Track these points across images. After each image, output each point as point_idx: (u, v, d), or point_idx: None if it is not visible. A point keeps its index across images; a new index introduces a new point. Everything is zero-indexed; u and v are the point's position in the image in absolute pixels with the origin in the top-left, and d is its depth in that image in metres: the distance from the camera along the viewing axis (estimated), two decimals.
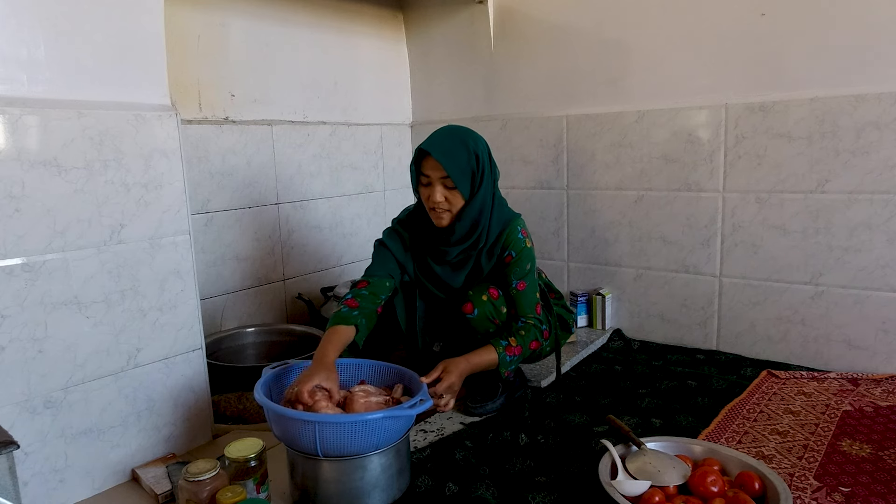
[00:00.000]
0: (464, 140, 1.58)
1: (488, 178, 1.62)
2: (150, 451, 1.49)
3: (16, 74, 1.24)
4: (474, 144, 1.59)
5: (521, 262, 1.66)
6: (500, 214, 1.68)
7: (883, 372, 1.88)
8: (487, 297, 1.63)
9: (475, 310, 1.62)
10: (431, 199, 1.58)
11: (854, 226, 1.87)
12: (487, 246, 1.67)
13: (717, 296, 2.14)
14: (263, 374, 1.40)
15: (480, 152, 1.60)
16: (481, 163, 1.59)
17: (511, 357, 1.59)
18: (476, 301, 1.63)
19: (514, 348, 1.59)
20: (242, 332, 2.13)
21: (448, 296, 1.72)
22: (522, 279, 1.66)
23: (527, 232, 1.70)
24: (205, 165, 2.04)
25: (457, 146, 1.56)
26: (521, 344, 1.61)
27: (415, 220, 1.73)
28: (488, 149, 1.66)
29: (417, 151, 1.59)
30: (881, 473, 1.35)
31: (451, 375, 1.49)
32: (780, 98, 1.93)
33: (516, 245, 1.66)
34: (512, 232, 1.67)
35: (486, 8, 2.49)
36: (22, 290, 1.24)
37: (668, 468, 1.27)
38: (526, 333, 1.63)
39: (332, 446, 1.21)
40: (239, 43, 2.14)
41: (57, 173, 1.28)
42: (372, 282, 1.63)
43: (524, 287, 1.66)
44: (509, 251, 1.66)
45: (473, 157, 1.57)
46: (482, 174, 1.59)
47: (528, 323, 1.65)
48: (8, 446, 0.98)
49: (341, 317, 1.52)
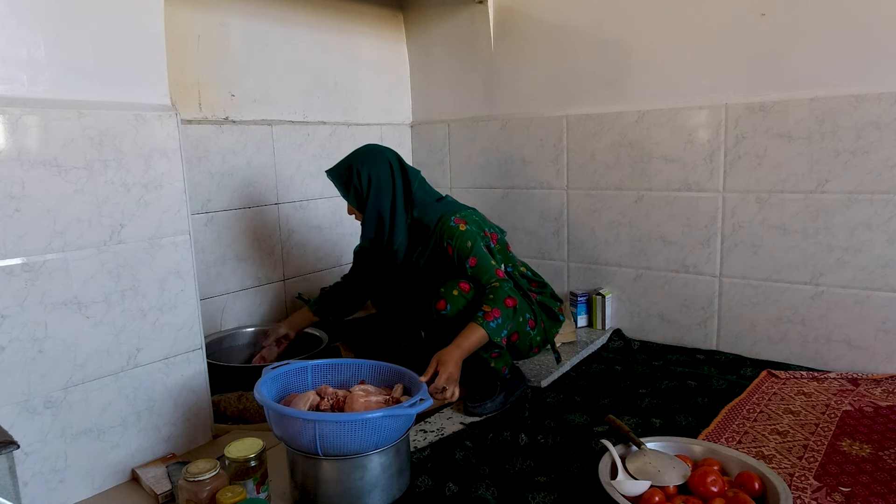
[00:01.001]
0: (350, 162, 1.79)
1: (383, 190, 1.78)
2: (150, 451, 1.49)
3: (16, 74, 1.24)
4: (360, 163, 1.78)
5: (461, 244, 1.72)
6: (425, 212, 1.79)
7: (883, 372, 1.88)
8: (458, 291, 1.68)
9: (448, 305, 1.67)
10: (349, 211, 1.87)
11: (854, 226, 1.87)
12: (402, 245, 1.81)
13: (717, 296, 2.14)
14: (263, 374, 1.40)
15: (365, 169, 1.77)
16: (364, 179, 1.77)
17: (495, 321, 1.61)
18: (448, 297, 1.67)
19: (490, 312, 1.61)
20: (242, 332, 2.13)
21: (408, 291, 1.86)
22: (470, 256, 1.71)
23: (463, 219, 1.76)
24: (205, 165, 2.04)
25: (342, 169, 1.80)
26: (496, 305, 1.63)
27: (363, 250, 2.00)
28: (390, 161, 1.80)
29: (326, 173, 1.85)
30: (881, 473, 1.35)
31: (447, 366, 1.51)
32: (780, 98, 1.93)
33: (449, 233, 1.74)
34: (444, 224, 1.75)
35: (486, 8, 2.49)
36: (22, 290, 1.24)
37: (668, 468, 1.27)
38: (495, 295, 1.65)
39: (332, 445, 1.21)
40: (239, 43, 2.14)
41: (57, 173, 1.28)
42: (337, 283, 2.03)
43: (476, 262, 1.71)
44: (446, 241, 1.74)
45: (355, 174, 1.77)
46: (368, 188, 1.77)
47: (493, 285, 1.68)
48: (8, 446, 0.98)
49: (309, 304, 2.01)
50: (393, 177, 1.80)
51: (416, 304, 1.84)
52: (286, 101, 2.31)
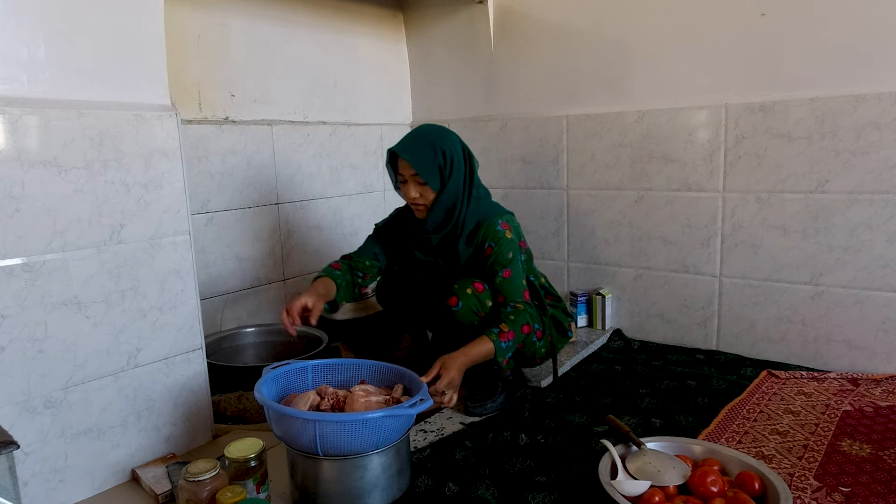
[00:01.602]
0: (430, 139, 1.70)
1: (458, 171, 1.71)
2: (150, 451, 1.49)
3: (16, 74, 1.24)
4: (440, 141, 1.69)
5: (503, 251, 1.69)
6: (477, 207, 1.75)
7: (883, 372, 1.88)
8: (472, 290, 1.66)
9: (459, 303, 1.65)
10: (407, 196, 1.72)
11: (854, 226, 1.87)
12: (465, 234, 1.74)
13: (717, 296, 2.14)
14: (264, 374, 1.40)
15: (447, 148, 1.69)
16: (448, 158, 1.68)
17: (506, 343, 1.60)
18: (461, 294, 1.66)
19: (506, 333, 1.60)
20: (242, 332, 2.13)
21: (435, 281, 1.78)
22: (506, 267, 1.69)
23: (509, 225, 1.74)
24: (205, 165, 2.04)
25: (423, 145, 1.68)
26: (513, 328, 1.62)
27: (399, 219, 1.89)
28: (461, 144, 1.74)
29: (389, 153, 1.72)
30: (881, 473, 1.35)
31: (450, 371, 1.50)
32: (780, 98, 1.93)
33: (494, 236, 1.71)
34: (491, 225, 1.72)
35: (486, 8, 2.49)
36: (22, 290, 1.24)
37: (668, 468, 1.27)
38: (516, 317, 1.64)
39: (332, 445, 1.21)
40: (239, 43, 2.14)
41: (57, 173, 1.28)
42: (354, 256, 1.84)
43: (510, 275, 1.69)
44: (488, 242, 1.71)
45: (440, 153, 1.67)
46: (450, 168, 1.69)
47: (518, 307, 1.67)
48: (8, 446, 0.98)
49: (328, 271, 1.77)
50: (464, 159, 1.73)
51: (427, 300, 1.82)
52: (286, 101, 2.31)
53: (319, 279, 1.73)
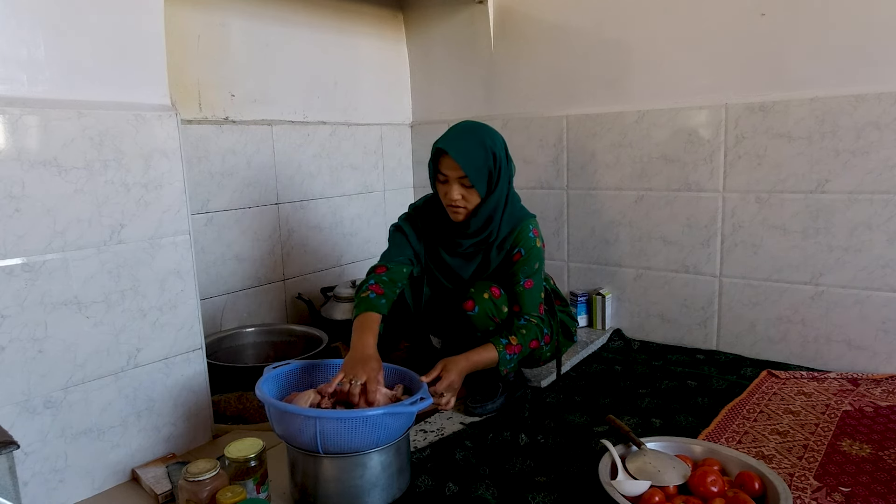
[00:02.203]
0: (482, 139, 1.59)
1: (504, 176, 1.63)
2: (150, 451, 1.49)
3: (16, 74, 1.24)
4: (492, 143, 1.60)
5: (530, 260, 1.67)
6: (512, 211, 1.70)
7: (883, 372, 1.88)
8: (489, 295, 1.64)
9: (476, 307, 1.63)
10: (448, 197, 1.60)
11: (854, 226, 1.87)
12: (498, 241, 1.69)
13: (717, 296, 2.14)
14: (264, 374, 1.40)
15: (497, 150, 1.60)
16: (498, 161, 1.60)
17: (511, 355, 1.59)
18: (477, 299, 1.63)
19: (514, 346, 1.60)
20: (242, 332, 2.13)
21: (455, 286, 1.74)
22: (530, 278, 1.67)
23: (538, 232, 1.71)
24: (205, 165, 2.04)
25: (474, 145, 1.57)
26: (522, 343, 1.61)
27: (430, 209, 1.75)
28: (505, 146, 1.67)
29: (435, 149, 1.59)
30: (881, 473, 1.35)
31: (451, 374, 1.50)
32: (780, 98, 1.93)
33: (526, 243, 1.67)
34: (523, 230, 1.68)
35: (486, 8, 2.49)
36: (22, 290, 1.24)
37: (668, 468, 1.27)
38: (527, 332, 1.63)
39: (332, 442, 1.21)
40: (239, 43, 2.14)
41: (57, 173, 1.28)
42: (391, 268, 1.65)
43: (531, 286, 1.67)
44: (519, 249, 1.67)
45: (491, 156, 1.58)
46: (499, 173, 1.60)
47: (531, 322, 1.65)
48: (8, 446, 0.98)
49: (371, 304, 1.54)
50: (508, 161, 1.65)
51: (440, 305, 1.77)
52: (286, 101, 2.31)
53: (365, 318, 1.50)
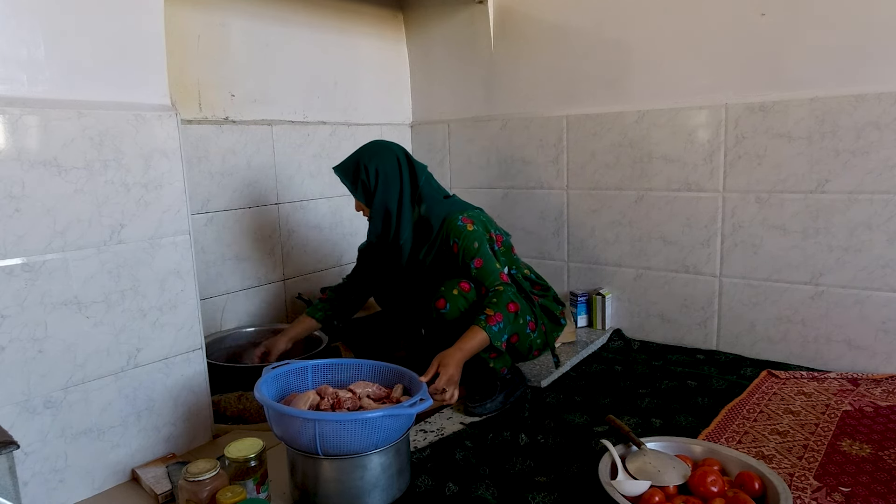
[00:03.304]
0: (358, 156, 1.79)
1: (386, 186, 1.77)
2: (150, 451, 1.49)
3: (16, 74, 1.24)
4: (367, 158, 1.77)
5: (468, 243, 1.72)
6: (439, 208, 1.79)
7: (883, 372, 1.88)
8: (458, 290, 1.68)
9: (447, 304, 1.67)
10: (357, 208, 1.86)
11: (854, 226, 1.87)
12: (407, 237, 1.80)
13: (717, 296, 2.14)
14: (264, 374, 1.40)
15: (371, 164, 1.76)
16: (371, 173, 1.76)
17: (497, 325, 1.61)
18: (448, 296, 1.67)
19: (493, 317, 1.61)
20: (242, 332, 2.13)
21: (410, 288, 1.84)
22: (476, 257, 1.71)
23: (468, 218, 1.76)
24: (205, 165, 2.04)
25: (348, 163, 1.80)
26: (499, 310, 1.63)
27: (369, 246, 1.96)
28: (398, 156, 1.79)
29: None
30: (881, 473, 1.35)
31: (449, 367, 1.51)
32: (780, 98, 1.93)
33: (456, 232, 1.73)
34: (451, 223, 1.75)
35: (486, 8, 2.49)
36: (22, 290, 1.24)
37: (668, 468, 1.27)
38: (498, 299, 1.65)
39: (331, 444, 1.21)
40: (239, 43, 2.14)
41: (57, 173, 1.28)
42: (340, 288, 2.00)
43: (481, 263, 1.71)
44: (453, 239, 1.73)
45: (362, 169, 1.76)
46: (375, 183, 1.76)
47: (497, 289, 1.68)
48: (8, 446, 0.98)
49: (310, 310, 1.97)
50: (400, 171, 1.78)
51: (417, 302, 1.84)
52: (286, 101, 2.31)
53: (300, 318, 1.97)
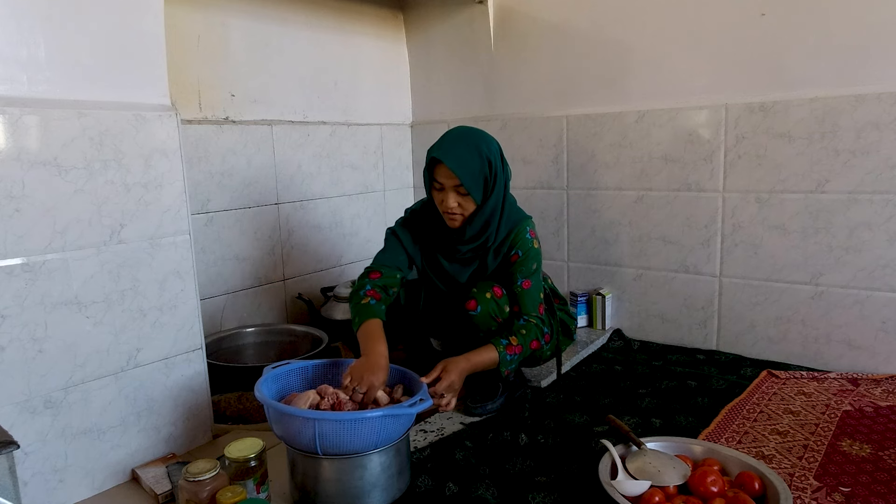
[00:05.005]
0: (477, 146, 1.58)
1: (500, 182, 1.63)
2: (150, 451, 1.49)
3: (16, 74, 1.24)
4: (487, 149, 1.59)
5: (528, 261, 1.67)
6: (510, 215, 1.70)
7: (883, 372, 1.88)
8: (491, 294, 1.63)
9: (478, 307, 1.62)
10: (445, 205, 1.60)
11: (854, 226, 1.87)
12: (495, 245, 1.69)
13: (717, 296, 2.14)
14: (264, 374, 1.40)
15: (493, 157, 1.60)
16: (494, 168, 1.59)
17: (511, 356, 1.59)
18: (480, 299, 1.63)
19: (514, 347, 1.59)
20: (242, 332, 2.13)
21: (450, 290, 1.74)
22: (528, 278, 1.67)
23: (535, 233, 1.72)
24: (205, 165, 2.04)
25: (470, 153, 1.56)
26: (522, 343, 1.61)
27: (426, 214, 1.74)
28: (500, 151, 1.66)
29: (430, 158, 1.59)
30: (881, 473, 1.35)
31: (451, 374, 1.49)
32: (780, 98, 1.93)
33: (523, 245, 1.67)
34: (520, 232, 1.68)
35: (486, 8, 2.49)
36: (22, 290, 1.24)
37: (668, 468, 1.27)
38: (527, 333, 1.63)
39: (331, 444, 1.21)
40: (239, 43, 2.14)
41: (57, 173, 1.28)
42: (384, 273, 1.66)
43: (529, 286, 1.67)
44: (516, 250, 1.67)
45: (486, 163, 1.58)
46: (494, 179, 1.60)
47: (530, 322, 1.65)
48: (8, 446, 0.98)
49: (373, 311, 1.55)
50: (504, 166, 1.65)
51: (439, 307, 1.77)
52: (286, 101, 2.31)
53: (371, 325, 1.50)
